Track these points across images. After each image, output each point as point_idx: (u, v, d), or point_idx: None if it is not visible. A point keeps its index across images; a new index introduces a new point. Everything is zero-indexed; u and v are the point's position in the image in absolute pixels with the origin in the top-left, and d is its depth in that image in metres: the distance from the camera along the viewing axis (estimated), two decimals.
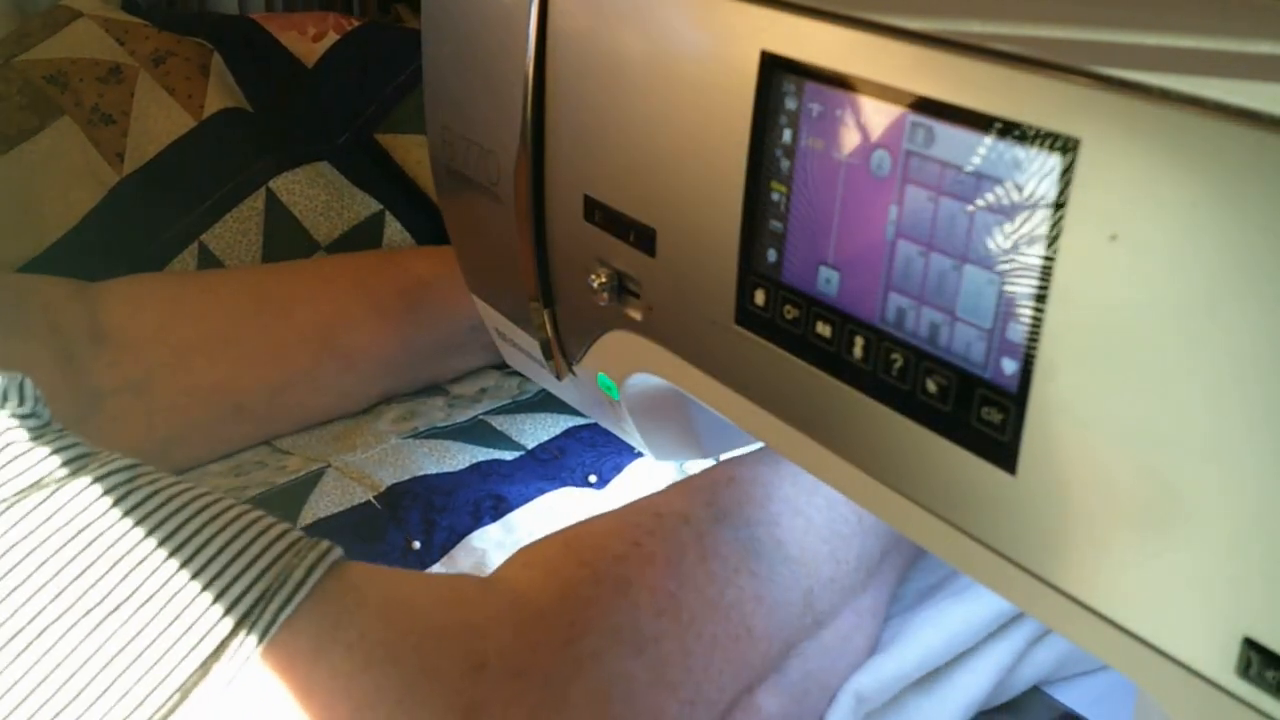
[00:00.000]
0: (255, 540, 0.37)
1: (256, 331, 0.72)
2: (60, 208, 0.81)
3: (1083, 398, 0.27)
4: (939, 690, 0.50)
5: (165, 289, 0.73)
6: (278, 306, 0.73)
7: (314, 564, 0.38)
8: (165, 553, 0.35)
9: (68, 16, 0.88)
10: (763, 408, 0.37)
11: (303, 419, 0.74)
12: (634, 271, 0.41)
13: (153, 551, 0.35)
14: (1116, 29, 0.27)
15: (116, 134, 0.84)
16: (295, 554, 0.38)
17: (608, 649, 0.41)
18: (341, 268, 0.79)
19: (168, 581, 0.35)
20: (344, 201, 0.88)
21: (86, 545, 0.34)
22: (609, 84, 0.40)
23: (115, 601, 0.34)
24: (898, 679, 0.49)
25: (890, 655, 0.50)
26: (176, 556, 0.35)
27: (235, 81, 0.91)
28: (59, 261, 0.80)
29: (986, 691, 0.51)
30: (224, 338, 0.71)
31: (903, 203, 0.30)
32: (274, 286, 0.75)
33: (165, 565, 0.35)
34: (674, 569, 0.45)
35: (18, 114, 0.81)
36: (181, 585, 0.35)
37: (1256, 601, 0.24)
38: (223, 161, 0.86)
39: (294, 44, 0.96)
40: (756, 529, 0.48)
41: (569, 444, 0.70)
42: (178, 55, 0.88)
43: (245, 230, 0.84)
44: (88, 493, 0.35)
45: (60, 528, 0.34)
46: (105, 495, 0.36)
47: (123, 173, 0.83)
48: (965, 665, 0.51)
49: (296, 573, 0.37)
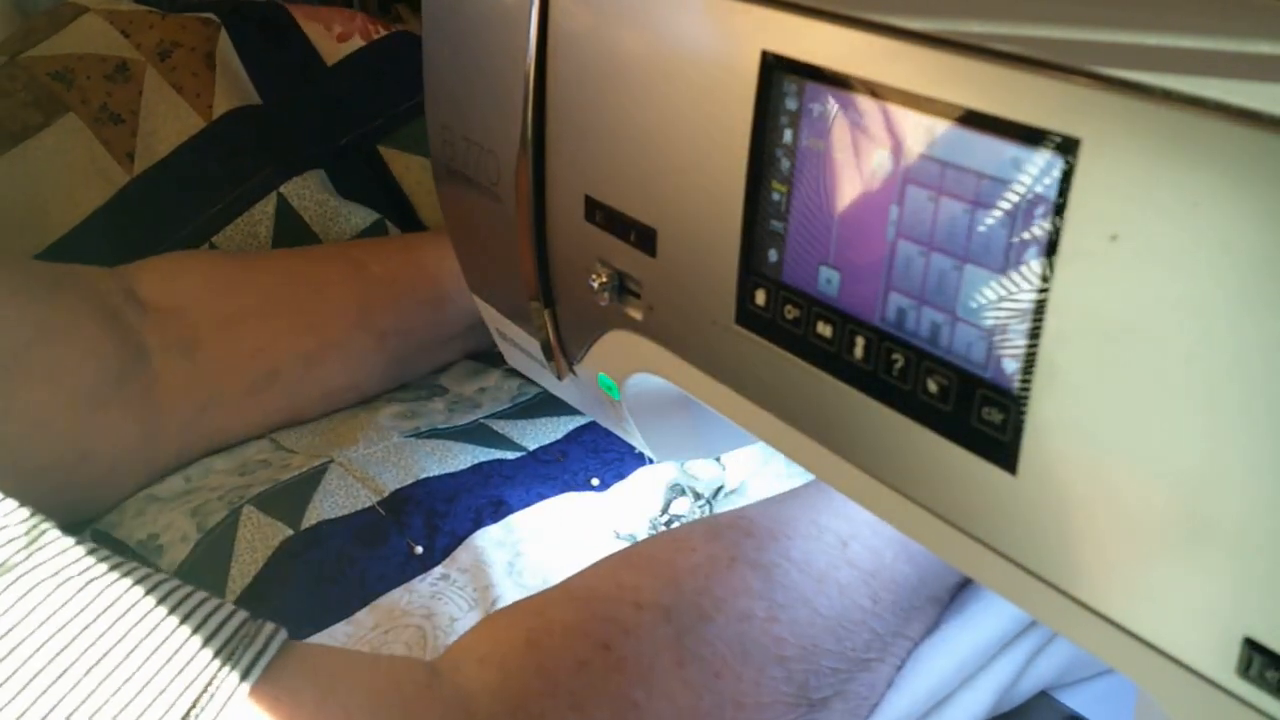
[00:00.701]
0: (198, 629, 0.36)
1: (292, 306, 0.74)
2: (66, 204, 0.82)
3: (1083, 398, 0.27)
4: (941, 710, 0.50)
5: (201, 264, 0.76)
6: (311, 285, 0.76)
7: (262, 648, 0.36)
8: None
9: (73, 12, 0.88)
10: (763, 408, 0.37)
11: (324, 395, 0.75)
12: (634, 271, 0.41)
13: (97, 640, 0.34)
14: (1117, 29, 0.27)
15: (125, 133, 0.84)
16: (242, 638, 0.36)
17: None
18: (369, 251, 0.81)
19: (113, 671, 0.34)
20: (350, 207, 0.88)
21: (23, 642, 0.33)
22: (609, 84, 0.40)
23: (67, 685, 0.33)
24: (910, 715, 0.49)
25: (902, 690, 0.49)
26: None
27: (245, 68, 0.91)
28: (64, 258, 0.80)
29: (988, 708, 0.51)
30: (260, 310, 0.73)
31: (903, 203, 0.30)
32: (306, 266, 0.78)
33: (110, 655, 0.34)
34: (643, 677, 0.41)
35: (22, 111, 0.82)
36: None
37: (1257, 601, 0.24)
38: (232, 165, 0.86)
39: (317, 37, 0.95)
40: (751, 625, 0.44)
41: (571, 448, 0.70)
42: (183, 46, 0.88)
43: (255, 234, 0.85)
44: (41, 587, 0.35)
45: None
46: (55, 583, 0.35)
47: (133, 172, 0.84)
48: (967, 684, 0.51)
49: (247, 655, 0.36)
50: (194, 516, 0.63)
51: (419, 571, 0.59)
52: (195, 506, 0.64)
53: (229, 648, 0.36)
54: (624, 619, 0.43)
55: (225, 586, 0.59)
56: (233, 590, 0.59)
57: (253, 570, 0.59)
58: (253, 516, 0.62)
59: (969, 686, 0.51)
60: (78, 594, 0.35)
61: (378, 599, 0.58)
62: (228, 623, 0.37)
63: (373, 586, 0.58)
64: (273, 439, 0.73)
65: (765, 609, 0.45)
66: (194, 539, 0.62)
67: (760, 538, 0.48)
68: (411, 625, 0.56)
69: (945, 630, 0.51)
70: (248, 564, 0.60)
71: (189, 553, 0.61)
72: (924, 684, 0.49)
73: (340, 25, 0.97)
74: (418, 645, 0.55)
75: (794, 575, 0.46)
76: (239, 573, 0.59)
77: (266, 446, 0.72)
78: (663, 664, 0.42)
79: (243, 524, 0.61)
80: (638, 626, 0.43)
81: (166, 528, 0.64)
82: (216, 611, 0.37)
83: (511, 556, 0.60)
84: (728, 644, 0.43)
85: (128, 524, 0.65)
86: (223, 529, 0.62)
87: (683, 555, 0.47)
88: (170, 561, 0.62)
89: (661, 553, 0.48)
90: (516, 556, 0.60)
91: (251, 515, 0.62)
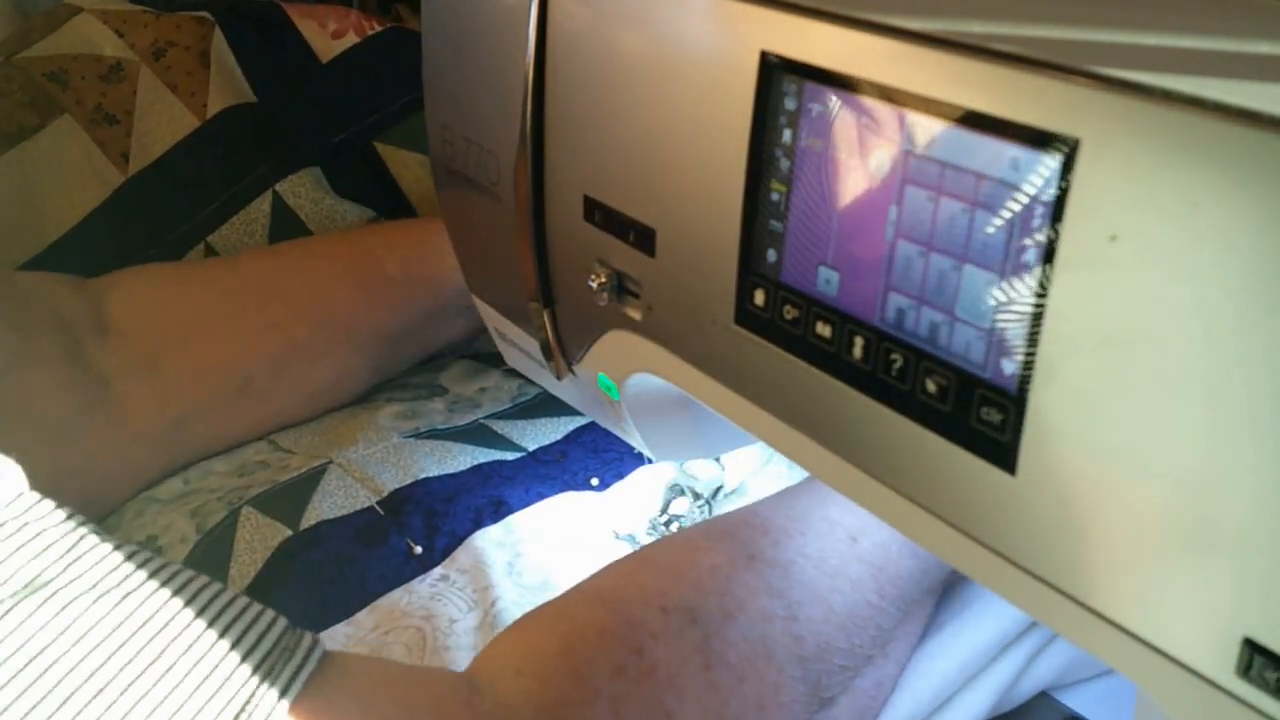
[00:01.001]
0: (237, 643, 0.36)
1: (255, 309, 0.73)
2: (62, 206, 0.82)
3: (1082, 398, 0.27)
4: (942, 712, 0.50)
5: (163, 276, 0.75)
6: (272, 285, 0.75)
7: (301, 662, 0.36)
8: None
9: (68, 13, 0.88)
10: (763, 408, 0.37)
11: (307, 397, 0.75)
12: (634, 271, 0.41)
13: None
14: (1116, 29, 0.27)
15: (120, 134, 0.84)
16: (281, 652, 0.36)
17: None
18: (329, 245, 0.80)
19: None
20: (346, 205, 0.88)
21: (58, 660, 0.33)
22: (609, 84, 0.40)
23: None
24: (913, 717, 0.49)
25: (904, 692, 0.49)
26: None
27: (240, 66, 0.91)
28: (61, 260, 0.80)
29: (989, 708, 0.51)
30: (223, 318, 0.72)
31: (902, 203, 0.30)
32: (267, 266, 0.77)
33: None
34: (674, 683, 0.42)
35: (18, 112, 0.82)
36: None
37: (1257, 601, 0.24)
38: (228, 163, 0.86)
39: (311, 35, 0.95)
40: (773, 625, 0.45)
41: (571, 448, 0.70)
42: (177, 45, 0.88)
43: (251, 232, 0.85)
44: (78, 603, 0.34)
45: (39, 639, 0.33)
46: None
47: (128, 173, 0.84)
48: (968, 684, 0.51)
49: (286, 669, 0.36)
50: (193, 518, 0.63)
51: (418, 572, 0.59)
52: (195, 508, 0.64)
53: (268, 662, 0.35)
54: (652, 623, 0.43)
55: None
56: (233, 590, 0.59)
57: (252, 571, 0.59)
58: (251, 517, 0.62)
59: (970, 687, 0.51)
60: (114, 609, 0.34)
61: (377, 600, 0.57)
62: (267, 634, 0.36)
63: (372, 587, 0.58)
64: (271, 440, 0.73)
65: (785, 608, 0.45)
66: (193, 540, 0.62)
67: (775, 534, 0.48)
68: (411, 627, 0.56)
69: (946, 632, 0.51)
70: (247, 564, 0.60)
71: (188, 554, 0.61)
72: (926, 685, 0.49)
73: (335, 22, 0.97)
74: (417, 646, 0.54)
75: (810, 572, 0.47)
76: (238, 573, 0.59)
77: (265, 448, 0.72)
78: (691, 668, 0.42)
79: (241, 524, 0.61)
80: (665, 631, 0.43)
81: (166, 529, 0.63)
82: (256, 622, 0.37)
83: (511, 557, 0.60)
84: (752, 645, 0.44)
85: (127, 525, 0.65)
86: (222, 530, 0.62)
87: (702, 554, 0.47)
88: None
89: (681, 553, 0.47)
90: (516, 557, 0.60)
91: (250, 516, 0.62)
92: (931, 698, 0.49)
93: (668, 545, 0.49)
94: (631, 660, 0.42)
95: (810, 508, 0.50)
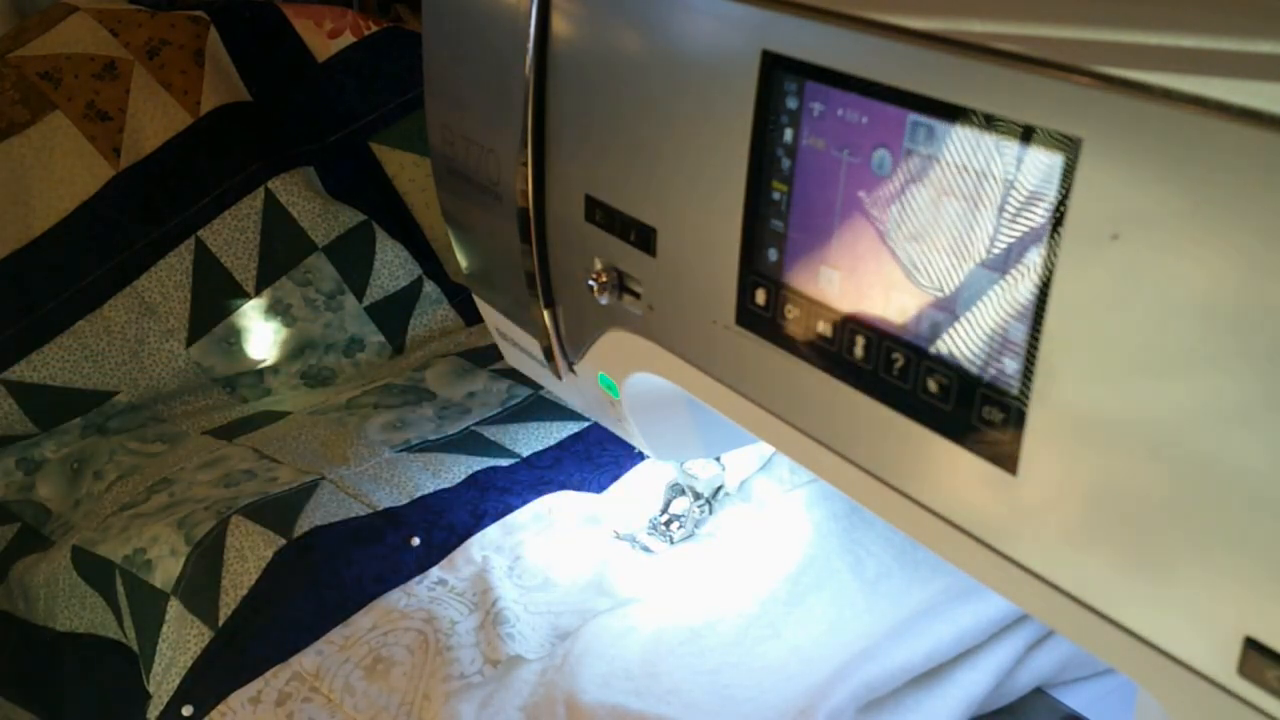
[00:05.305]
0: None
1: None
2: (50, 199, 0.82)
3: (1083, 397, 0.27)
4: (940, 687, 0.50)
5: None
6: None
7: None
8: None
9: (64, 12, 0.88)
10: (763, 407, 0.37)
11: None
12: (634, 271, 0.41)
13: None
14: (1118, 28, 0.27)
15: (112, 129, 0.85)
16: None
17: None
18: None
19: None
20: (338, 206, 0.88)
21: None
22: (609, 83, 0.40)
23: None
24: (905, 670, 0.49)
25: (899, 645, 0.49)
26: None
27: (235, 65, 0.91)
28: (49, 251, 0.81)
29: (987, 690, 0.51)
30: None
31: (904, 201, 0.30)
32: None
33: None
34: None
35: (10, 109, 0.82)
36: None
37: (1257, 601, 0.24)
38: (220, 160, 0.86)
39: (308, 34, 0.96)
40: None
41: (564, 455, 0.69)
42: (172, 44, 0.89)
43: (243, 228, 0.85)
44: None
45: None
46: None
47: (119, 168, 0.84)
48: (967, 663, 0.51)
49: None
50: (181, 528, 0.63)
51: (416, 572, 0.59)
52: (181, 518, 0.64)
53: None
54: None
55: (219, 598, 0.59)
56: (227, 600, 0.59)
57: (245, 581, 0.59)
58: (241, 525, 0.62)
59: (970, 666, 0.51)
60: None
61: (375, 601, 0.58)
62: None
63: (370, 589, 0.58)
64: (255, 448, 0.73)
65: None
66: (184, 552, 0.61)
67: None
68: (412, 629, 0.56)
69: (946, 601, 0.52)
70: (239, 573, 0.60)
71: (180, 568, 0.61)
72: (922, 643, 0.49)
73: (332, 22, 0.97)
74: (419, 648, 0.54)
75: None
76: (230, 584, 0.59)
77: (250, 455, 0.71)
78: None
79: (231, 533, 0.61)
80: None
81: (153, 541, 0.63)
82: None
83: (511, 560, 0.60)
84: None
85: (111, 540, 0.64)
86: (212, 539, 0.61)
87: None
88: (163, 577, 0.61)
89: None
90: (516, 560, 0.60)
91: (240, 524, 0.62)
92: (925, 658, 0.49)
93: None
94: None
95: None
